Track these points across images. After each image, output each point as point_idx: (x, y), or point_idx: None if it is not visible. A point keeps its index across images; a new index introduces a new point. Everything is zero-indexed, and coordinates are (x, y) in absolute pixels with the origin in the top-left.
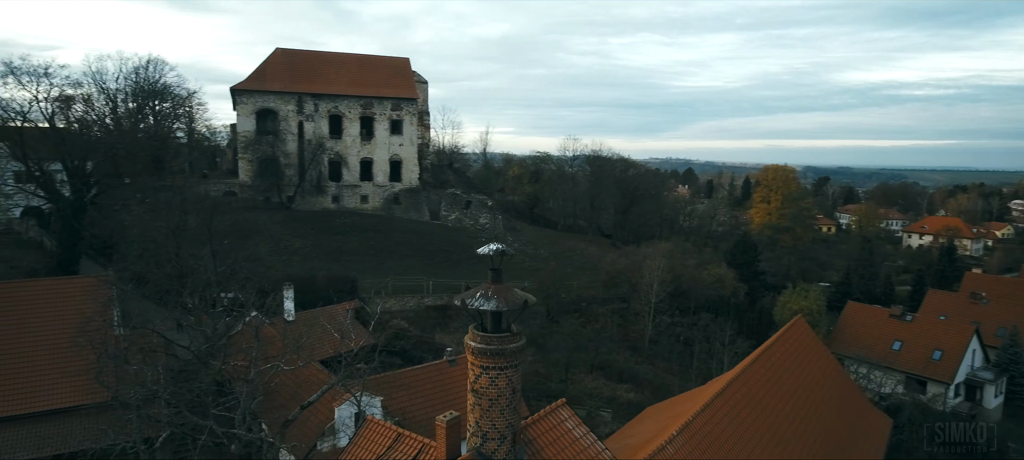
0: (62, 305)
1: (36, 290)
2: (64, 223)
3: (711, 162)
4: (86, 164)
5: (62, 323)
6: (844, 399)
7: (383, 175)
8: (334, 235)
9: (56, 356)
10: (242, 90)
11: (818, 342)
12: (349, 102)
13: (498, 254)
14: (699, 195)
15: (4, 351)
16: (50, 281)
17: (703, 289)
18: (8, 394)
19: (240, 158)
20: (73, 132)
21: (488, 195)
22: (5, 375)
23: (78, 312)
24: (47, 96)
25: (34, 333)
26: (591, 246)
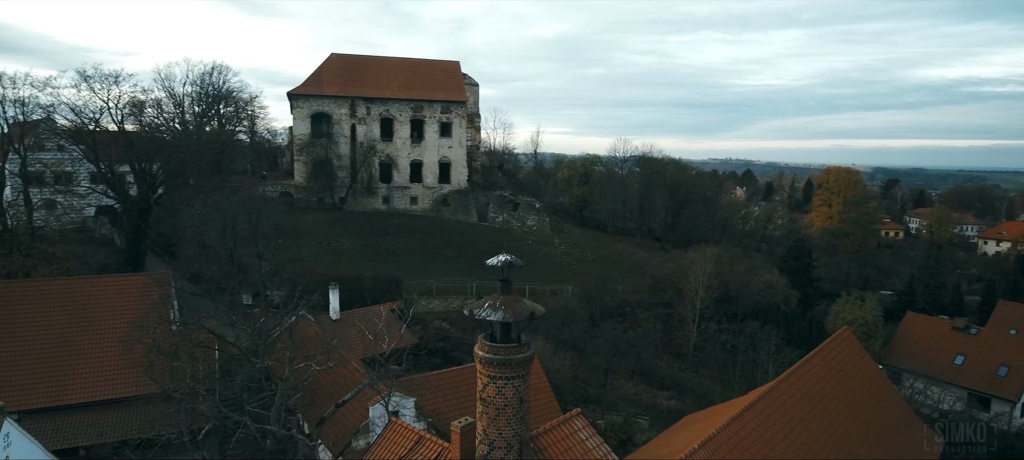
0: (122, 301)
1: (101, 286)
2: (131, 222)
3: (772, 163)
4: (152, 166)
5: (121, 318)
6: (890, 417)
7: (432, 177)
8: (383, 236)
9: (114, 349)
10: (298, 95)
11: (865, 356)
12: (400, 105)
13: (506, 265)
14: (757, 198)
15: (70, 343)
16: (113, 278)
17: (752, 296)
18: (71, 383)
19: (296, 160)
20: (140, 135)
21: (536, 197)
22: (70, 366)
23: (136, 308)
24: (117, 102)
25: (96, 327)
26: (639, 250)
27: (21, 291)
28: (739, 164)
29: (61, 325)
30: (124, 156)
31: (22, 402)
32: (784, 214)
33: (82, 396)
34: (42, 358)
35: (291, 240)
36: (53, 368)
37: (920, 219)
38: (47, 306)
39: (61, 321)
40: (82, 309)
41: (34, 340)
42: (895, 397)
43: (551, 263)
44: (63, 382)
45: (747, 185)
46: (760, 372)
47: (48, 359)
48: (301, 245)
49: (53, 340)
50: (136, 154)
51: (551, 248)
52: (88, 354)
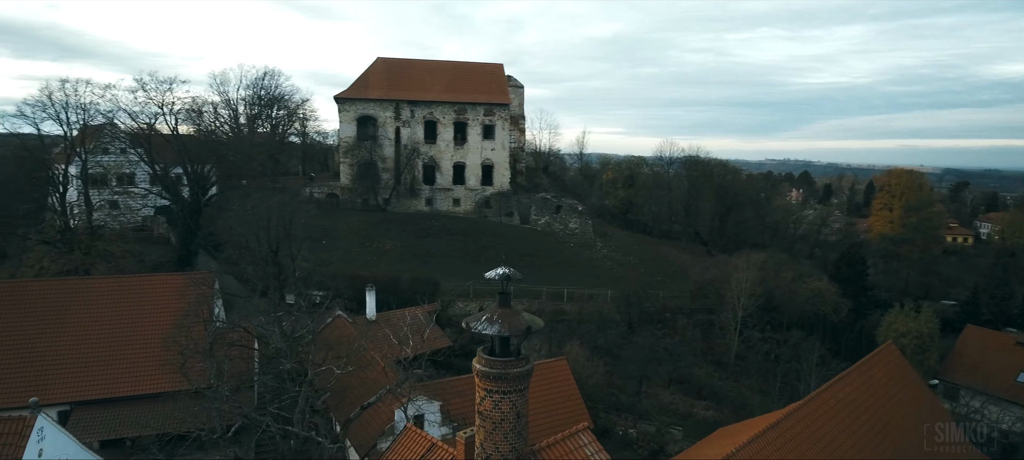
0: (166, 299)
1: (148, 285)
2: (182, 222)
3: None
4: (203, 168)
5: (164, 316)
6: (934, 438)
7: (475, 179)
8: (423, 238)
9: (157, 346)
10: (344, 98)
11: (911, 372)
12: (443, 108)
13: (504, 278)
14: (813, 200)
15: (117, 339)
16: (159, 277)
17: (798, 304)
18: (117, 378)
19: (341, 162)
20: (193, 138)
21: (580, 199)
22: (117, 360)
23: (179, 307)
24: (171, 107)
25: (141, 323)
26: (684, 254)
27: (76, 288)
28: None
29: (110, 321)
30: (178, 159)
31: (74, 394)
32: (841, 218)
33: (127, 390)
34: (93, 353)
35: (335, 241)
36: (102, 362)
37: (992, 224)
38: (99, 303)
39: (110, 317)
40: (130, 306)
41: (86, 335)
42: (942, 417)
43: (592, 266)
44: (110, 376)
45: (804, 187)
46: (802, 384)
47: (98, 354)
48: (343, 246)
49: (102, 336)
50: (189, 157)
51: (592, 251)
52: (134, 350)
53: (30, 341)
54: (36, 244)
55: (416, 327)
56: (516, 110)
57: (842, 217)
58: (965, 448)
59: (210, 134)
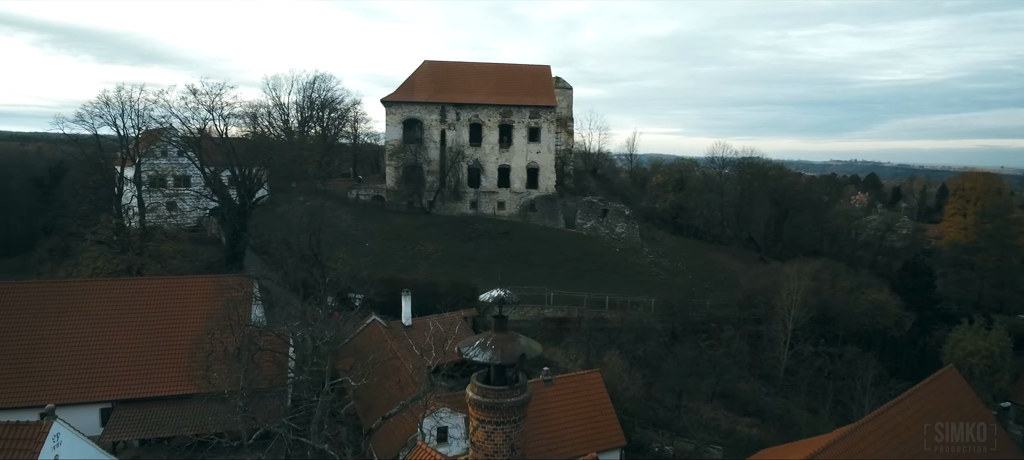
0: (207, 300)
1: (190, 286)
2: (230, 224)
3: (905, 164)
4: (251, 171)
5: (203, 317)
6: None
7: (520, 182)
8: (465, 242)
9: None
10: (391, 101)
11: (974, 400)
12: (489, 110)
13: (498, 301)
14: (880, 204)
15: (158, 339)
16: (201, 279)
17: (856, 316)
18: (156, 377)
19: (387, 165)
20: (242, 141)
21: (628, 203)
22: (156, 360)
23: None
24: (220, 111)
25: (182, 324)
26: (735, 260)
27: (124, 288)
28: (865, 167)
29: (155, 321)
30: (226, 162)
31: (116, 393)
32: (909, 224)
33: (165, 390)
34: (136, 352)
35: (379, 243)
36: (144, 362)
37: None
38: (145, 303)
39: (155, 318)
40: (174, 307)
41: (131, 335)
42: (1007, 449)
43: (637, 272)
44: (151, 376)
45: (870, 190)
46: (856, 404)
47: (141, 353)
48: (385, 248)
49: (147, 335)
50: (236, 160)
51: (639, 257)
52: (174, 351)
53: (78, 339)
54: (91, 244)
55: (450, 334)
56: (564, 112)
57: (910, 223)
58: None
59: (261, 137)
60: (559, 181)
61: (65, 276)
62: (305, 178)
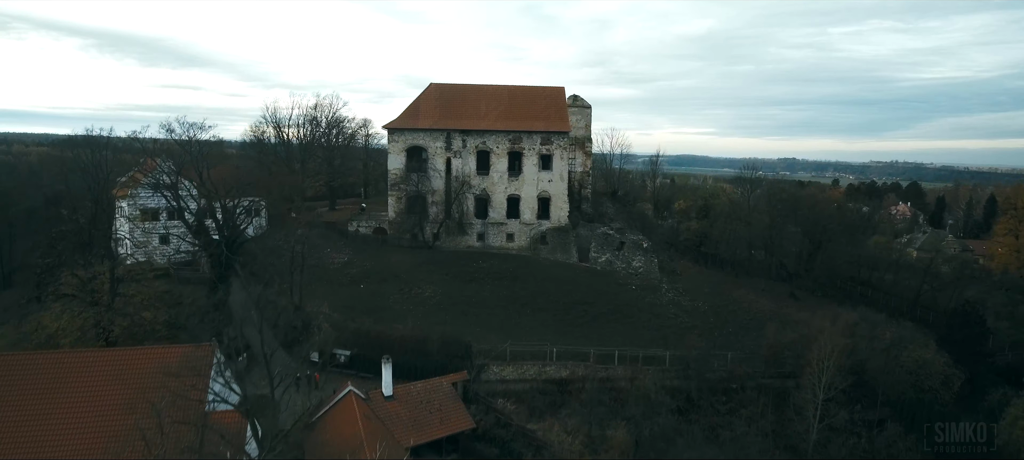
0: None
1: (145, 357)
2: (212, 265)
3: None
4: (236, 207)
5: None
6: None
7: (530, 212)
8: (468, 282)
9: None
10: (393, 128)
11: None
12: (497, 137)
13: None
14: (923, 218)
15: (104, 421)
16: (156, 350)
17: (898, 379)
18: None
19: (389, 194)
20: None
21: (646, 233)
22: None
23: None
24: (198, 150)
25: (134, 400)
26: (763, 297)
27: (69, 362)
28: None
29: (99, 403)
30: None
31: None
32: (955, 243)
33: None
34: (73, 440)
35: (374, 285)
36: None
37: None
38: (92, 378)
39: (101, 397)
40: (122, 383)
41: (74, 417)
42: None
43: (654, 314)
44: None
45: (912, 200)
46: None
47: (79, 441)
48: (380, 291)
49: (91, 416)
50: (219, 197)
51: (656, 295)
52: (116, 437)
53: (10, 421)
54: (53, 301)
55: (436, 405)
56: (582, 132)
57: (956, 243)
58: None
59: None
60: (576, 206)
61: (28, 333)
62: (304, 209)
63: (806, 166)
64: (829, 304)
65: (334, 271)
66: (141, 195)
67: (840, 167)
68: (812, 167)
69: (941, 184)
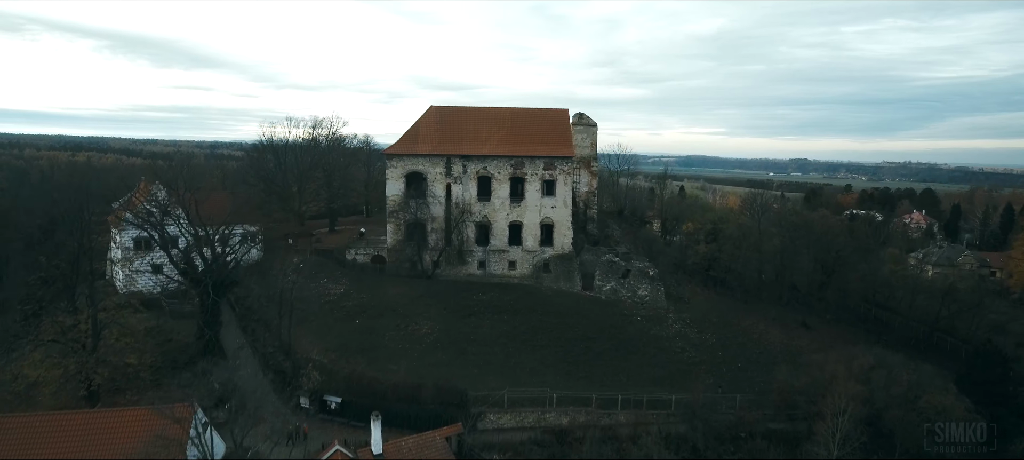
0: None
1: (120, 420)
2: (201, 303)
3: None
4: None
5: None
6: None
7: (533, 239)
8: (466, 317)
9: None
10: (392, 154)
11: None
12: (499, 163)
13: None
14: (938, 228)
15: None
16: (133, 412)
17: (916, 429)
18: None
19: (388, 222)
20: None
21: (652, 258)
22: None
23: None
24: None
25: None
26: (774, 327)
27: (40, 426)
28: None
29: None
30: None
31: None
32: (972, 259)
33: None
34: None
35: (369, 320)
36: None
37: None
38: (66, 444)
39: None
40: (101, 446)
41: None
42: None
43: (660, 349)
44: None
45: (927, 208)
46: None
47: None
48: (376, 327)
49: None
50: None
51: (663, 327)
52: None
53: None
54: (33, 349)
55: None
56: (588, 151)
57: (973, 259)
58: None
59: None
60: (581, 227)
61: (7, 382)
62: (301, 235)
63: (818, 167)
64: (843, 333)
65: (330, 304)
66: (131, 224)
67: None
68: (824, 168)
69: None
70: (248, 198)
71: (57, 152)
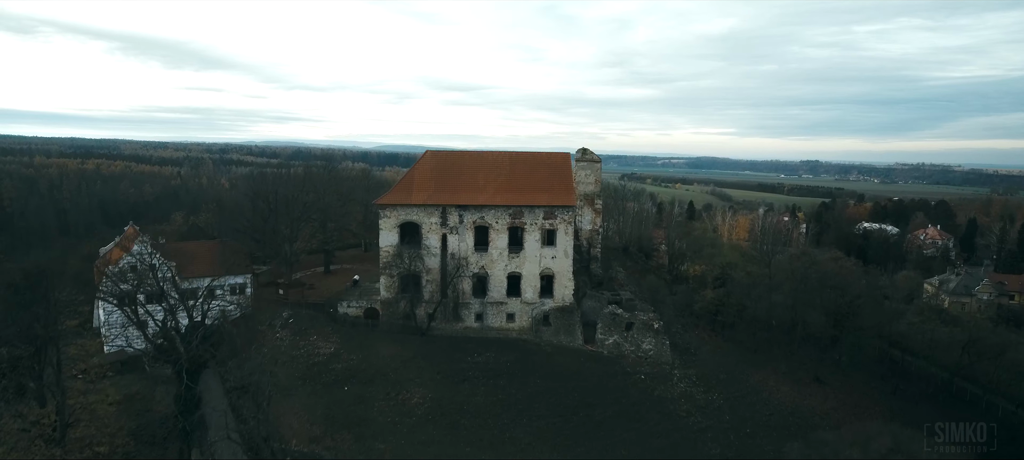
0: None
1: None
2: (178, 385)
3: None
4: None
5: None
6: None
7: (532, 291)
8: (460, 383)
9: None
10: (385, 204)
11: None
12: (496, 212)
13: None
14: (952, 244)
15: None
16: None
17: None
18: None
19: (381, 274)
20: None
21: (657, 306)
22: None
23: None
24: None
25: None
26: (784, 383)
27: None
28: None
29: None
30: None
31: None
32: (990, 287)
33: None
34: None
35: (359, 387)
36: None
37: None
38: None
39: None
40: None
41: None
42: None
43: (664, 413)
44: None
45: (941, 222)
46: None
47: None
48: (364, 395)
49: None
50: (187, 311)
51: (668, 386)
52: None
53: None
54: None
55: None
56: (592, 188)
57: (991, 287)
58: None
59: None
60: (584, 267)
61: None
62: (293, 285)
63: (829, 168)
64: (858, 389)
65: (318, 366)
66: (105, 298)
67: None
68: (835, 169)
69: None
70: (236, 247)
71: (67, 160)
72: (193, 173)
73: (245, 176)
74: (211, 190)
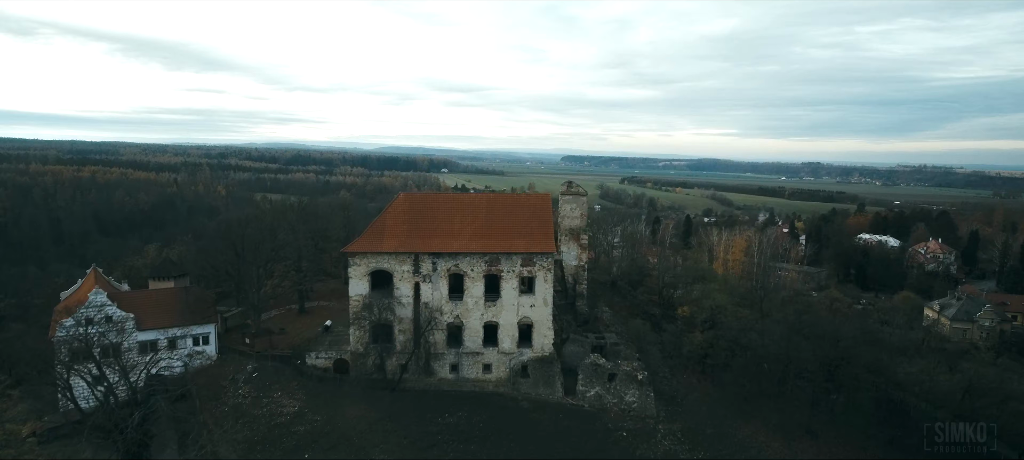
0: None
1: None
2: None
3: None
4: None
5: None
6: None
7: (510, 341)
8: (429, 448)
9: None
10: (354, 252)
11: None
12: (472, 259)
13: None
14: (953, 256)
15: None
16: None
17: None
18: None
19: (351, 325)
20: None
21: (642, 350)
22: None
23: None
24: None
25: None
26: (775, 439)
27: None
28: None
29: None
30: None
31: None
32: (992, 314)
33: None
34: None
35: (322, 454)
36: None
37: None
38: None
39: None
40: None
41: None
42: None
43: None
44: None
45: (943, 235)
46: None
47: None
48: None
49: None
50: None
51: (651, 444)
52: None
53: None
54: None
55: None
56: (577, 222)
57: (993, 313)
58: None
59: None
60: (569, 304)
61: None
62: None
63: (831, 170)
64: (852, 442)
65: (280, 428)
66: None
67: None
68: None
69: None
70: (201, 294)
71: (63, 167)
72: (190, 180)
73: (241, 182)
74: (207, 198)
